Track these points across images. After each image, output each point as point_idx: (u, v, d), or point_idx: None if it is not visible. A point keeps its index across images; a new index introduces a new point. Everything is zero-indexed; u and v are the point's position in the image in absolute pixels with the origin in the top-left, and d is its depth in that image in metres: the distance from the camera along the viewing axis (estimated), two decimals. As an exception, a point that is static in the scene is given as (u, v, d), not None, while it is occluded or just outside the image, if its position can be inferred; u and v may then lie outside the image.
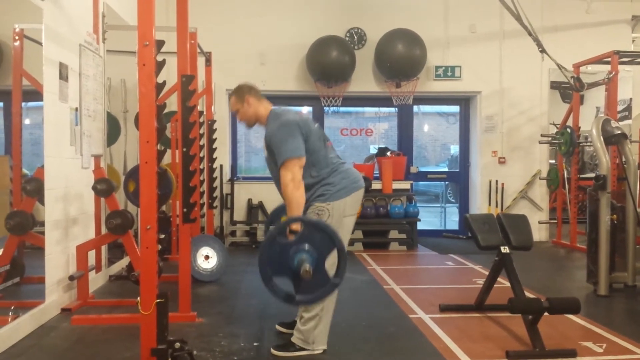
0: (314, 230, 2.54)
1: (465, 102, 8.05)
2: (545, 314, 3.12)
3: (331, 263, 2.67)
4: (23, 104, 3.91)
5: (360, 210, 6.76)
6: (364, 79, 7.42)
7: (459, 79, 7.54)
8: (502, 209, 7.53)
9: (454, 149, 8.64)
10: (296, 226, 2.63)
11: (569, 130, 6.81)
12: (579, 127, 6.80)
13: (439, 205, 9.51)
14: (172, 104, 6.03)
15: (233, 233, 7.20)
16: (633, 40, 7.82)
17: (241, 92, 3.17)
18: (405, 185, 7.22)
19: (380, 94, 7.55)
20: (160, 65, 2.60)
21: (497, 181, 7.61)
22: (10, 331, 3.22)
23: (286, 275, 2.58)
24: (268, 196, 7.18)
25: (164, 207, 6.00)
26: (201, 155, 5.35)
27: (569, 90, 7.18)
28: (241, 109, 3.17)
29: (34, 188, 3.80)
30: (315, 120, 3.30)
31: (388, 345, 3.27)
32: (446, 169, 8.88)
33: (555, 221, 7.43)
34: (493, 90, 7.60)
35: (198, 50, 4.87)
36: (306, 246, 2.49)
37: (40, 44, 3.73)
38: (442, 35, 7.52)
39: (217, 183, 6.58)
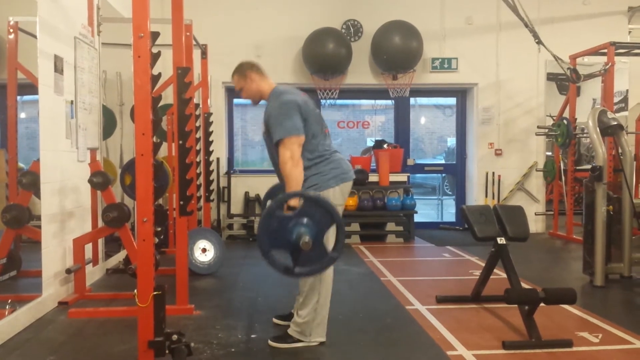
0: (314, 205, 2.54)
1: (461, 94, 8.04)
2: (542, 304, 3.13)
3: (328, 238, 2.67)
4: (18, 97, 3.90)
5: (356, 203, 6.79)
6: (361, 72, 7.41)
7: (455, 71, 7.53)
8: (499, 201, 7.54)
9: (451, 141, 8.64)
10: (294, 202, 2.63)
11: (565, 121, 6.81)
12: (576, 119, 6.80)
13: (435, 197, 9.52)
14: (168, 96, 6.01)
15: (230, 226, 7.20)
16: (629, 32, 7.82)
17: (242, 69, 3.19)
18: (402, 177, 7.25)
19: (377, 87, 7.53)
20: (155, 57, 2.59)
21: (493, 173, 7.62)
22: (7, 325, 3.22)
23: (285, 248, 2.59)
24: (265, 189, 7.01)
25: (160, 200, 5.99)
26: (197, 148, 5.34)
27: (566, 81, 7.18)
28: (245, 86, 3.19)
29: (30, 181, 3.79)
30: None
31: (385, 336, 3.28)
32: (443, 161, 8.88)
33: (552, 213, 7.46)
34: (490, 82, 7.59)
35: (194, 42, 4.85)
36: (305, 220, 2.51)
37: (35, 36, 3.71)
38: (438, 27, 7.50)
39: (213, 176, 6.57)
